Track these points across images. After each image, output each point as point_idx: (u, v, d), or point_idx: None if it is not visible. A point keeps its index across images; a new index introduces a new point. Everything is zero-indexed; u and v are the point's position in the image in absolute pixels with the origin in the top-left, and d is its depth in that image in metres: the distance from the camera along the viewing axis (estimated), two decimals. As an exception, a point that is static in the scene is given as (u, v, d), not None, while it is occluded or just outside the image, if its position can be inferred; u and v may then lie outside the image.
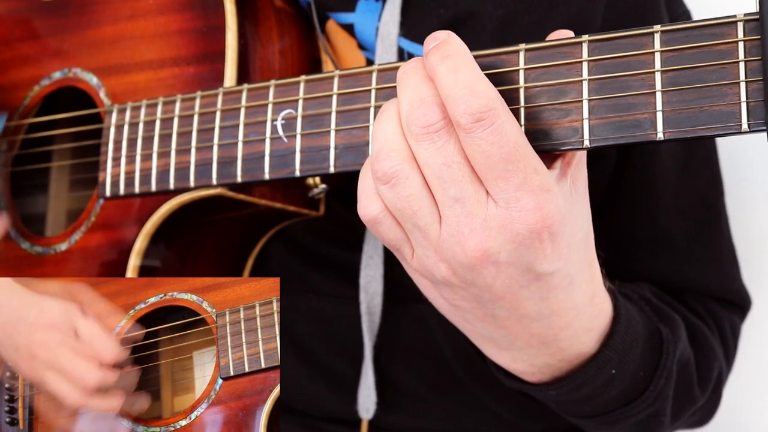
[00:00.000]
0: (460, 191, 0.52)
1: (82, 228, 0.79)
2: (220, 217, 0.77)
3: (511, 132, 0.50)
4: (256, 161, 0.66)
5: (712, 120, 0.51)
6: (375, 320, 0.79)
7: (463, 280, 0.55)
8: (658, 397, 0.69)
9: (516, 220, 0.51)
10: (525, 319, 0.57)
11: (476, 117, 0.50)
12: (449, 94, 0.51)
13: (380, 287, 0.79)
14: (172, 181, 0.70)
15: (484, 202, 0.52)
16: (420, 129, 0.52)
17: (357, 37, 0.79)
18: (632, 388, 0.68)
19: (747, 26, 0.51)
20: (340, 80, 0.63)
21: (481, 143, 0.50)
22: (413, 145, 0.52)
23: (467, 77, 0.51)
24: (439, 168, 0.52)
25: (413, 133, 0.52)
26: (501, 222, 0.51)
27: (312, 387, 0.84)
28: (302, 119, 0.64)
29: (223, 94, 0.68)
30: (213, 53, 0.72)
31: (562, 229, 0.53)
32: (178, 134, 0.70)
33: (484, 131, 0.50)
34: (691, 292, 0.82)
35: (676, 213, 0.81)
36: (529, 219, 0.51)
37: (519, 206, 0.51)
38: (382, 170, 0.53)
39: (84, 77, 0.81)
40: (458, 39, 0.53)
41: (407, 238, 0.56)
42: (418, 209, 0.53)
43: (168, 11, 0.76)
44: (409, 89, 0.53)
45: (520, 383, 0.67)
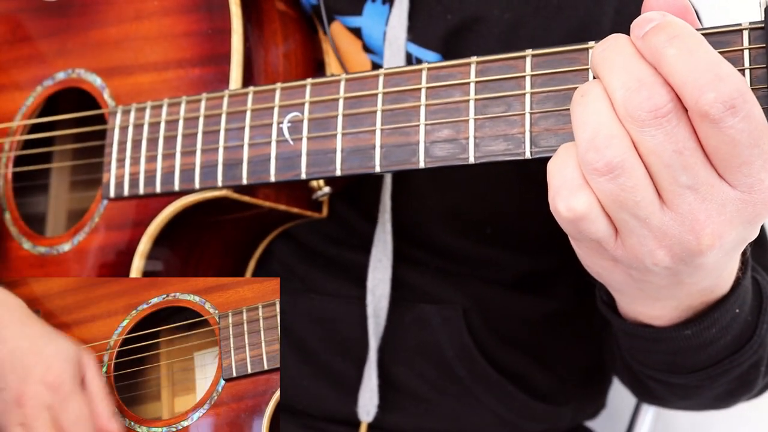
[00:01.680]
0: (693, 178, 0.47)
1: (85, 229, 0.79)
2: (223, 219, 0.77)
3: (760, 114, 0.46)
4: (261, 163, 0.66)
5: (717, 127, 0.52)
6: (381, 323, 0.79)
7: (680, 263, 0.51)
8: (762, 344, 0.68)
9: (758, 202, 0.48)
10: (707, 278, 0.55)
11: (728, 104, 0.45)
12: (688, 81, 0.45)
13: (388, 289, 0.79)
14: (177, 183, 0.71)
15: (719, 186, 0.48)
16: (646, 114, 0.46)
17: (364, 41, 0.79)
18: (743, 333, 0.66)
19: (752, 34, 0.51)
20: (347, 84, 0.63)
21: (731, 131, 0.45)
22: (635, 131, 0.47)
23: (708, 58, 0.45)
24: (670, 156, 0.47)
25: (637, 119, 0.47)
26: (740, 205, 0.48)
27: (313, 387, 0.84)
28: (308, 122, 0.64)
29: (228, 96, 0.69)
30: (218, 56, 0.72)
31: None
32: (183, 136, 0.71)
33: (735, 118, 0.45)
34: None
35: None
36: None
37: (763, 187, 0.48)
38: (604, 160, 0.47)
39: (88, 78, 0.80)
40: (675, 17, 0.48)
41: (613, 230, 0.51)
42: (640, 199, 0.48)
43: (173, 13, 0.76)
44: (620, 71, 0.47)
45: (642, 328, 0.64)
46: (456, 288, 0.82)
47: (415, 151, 0.60)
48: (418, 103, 0.60)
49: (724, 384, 0.72)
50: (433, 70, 0.60)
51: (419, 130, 0.60)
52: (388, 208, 0.78)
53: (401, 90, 0.61)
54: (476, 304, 0.82)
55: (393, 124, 0.61)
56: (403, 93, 0.61)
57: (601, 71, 0.49)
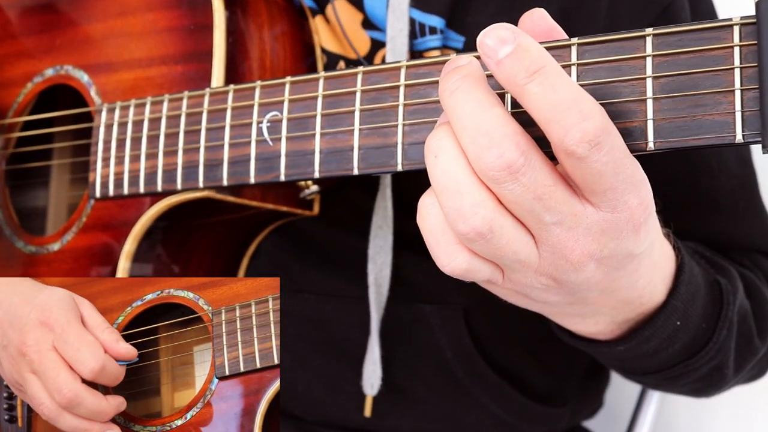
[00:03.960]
0: (557, 215, 0.48)
1: (73, 228, 0.79)
2: (211, 219, 0.76)
3: (621, 143, 0.46)
4: (242, 164, 0.65)
5: (705, 130, 0.48)
6: (383, 292, 0.77)
7: (562, 283, 0.52)
8: (721, 349, 0.68)
9: (621, 221, 0.49)
10: (615, 291, 0.56)
11: (594, 143, 0.44)
12: (552, 120, 0.45)
13: (389, 257, 0.76)
14: (160, 183, 0.69)
15: (582, 213, 0.48)
16: (499, 173, 0.46)
17: (366, 11, 0.77)
18: (696, 340, 0.66)
19: (743, 30, 0.48)
20: (326, 82, 0.61)
21: (596, 165, 0.45)
22: (494, 187, 0.47)
23: (570, 95, 0.45)
24: (530, 203, 0.47)
25: (491, 178, 0.46)
26: (605, 225, 0.49)
27: (308, 392, 0.83)
28: (287, 122, 0.63)
29: (209, 94, 0.67)
30: (201, 52, 0.71)
31: (653, 209, 0.51)
32: (166, 135, 0.69)
33: (600, 154, 0.45)
34: (736, 249, 0.81)
35: (719, 172, 0.80)
36: (635, 216, 0.49)
37: (626, 207, 0.48)
38: (474, 231, 0.47)
39: (75, 75, 0.80)
40: (532, 41, 0.46)
41: (499, 270, 0.52)
42: (517, 248, 0.49)
43: (156, 8, 0.74)
44: (468, 123, 0.46)
45: (587, 343, 0.65)
46: (456, 288, 0.80)
47: (393, 153, 0.58)
48: (397, 102, 0.58)
49: (688, 384, 0.71)
50: (412, 68, 0.58)
51: (397, 130, 0.58)
52: (389, 183, 0.76)
53: (380, 88, 0.59)
54: (476, 305, 0.80)
55: (371, 124, 0.59)
56: (382, 91, 0.59)
57: (451, 118, 0.48)
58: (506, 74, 0.45)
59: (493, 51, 0.45)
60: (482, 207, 0.47)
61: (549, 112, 0.45)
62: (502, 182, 0.46)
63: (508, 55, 0.45)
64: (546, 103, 0.45)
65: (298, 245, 0.84)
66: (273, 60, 0.74)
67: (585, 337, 0.65)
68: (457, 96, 0.47)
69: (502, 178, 0.46)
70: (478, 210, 0.47)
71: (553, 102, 0.45)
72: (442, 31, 0.74)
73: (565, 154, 0.45)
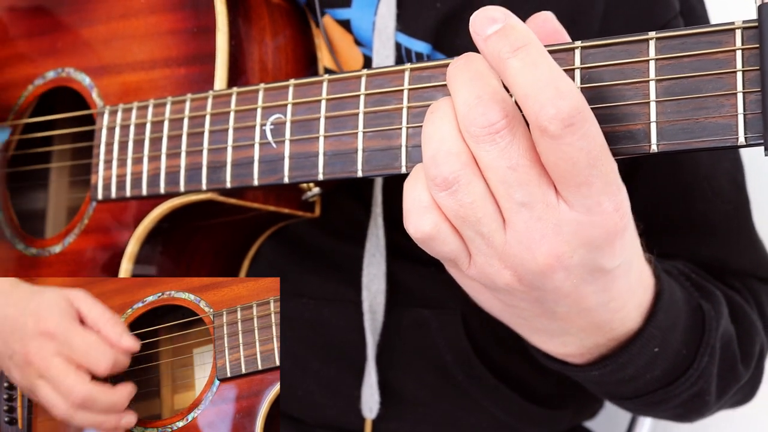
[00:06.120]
0: (528, 195, 0.48)
1: (75, 230, 0.79)
2: (213, 221, 0.76)
3: (599, 134, 0.47)
4: (245, 167, 0.65)
5: (708, 132, 0.49)
6: (378, 318, 0.78)
7: (528, 286, 0.52)
8: (702, 376, 0.67)
9: (594, 225, 0.48)
10: (585, 310, 0.55)
11: (567, 122, 0.45)
12: (529, 95, 0.45)
13: (383, 285, 0.77)
14: (163, 186, 0.70)
15: (555, 206, 0.48)
16: (480, 129, 0.47)
17: (354, 33, 0.77)
18: (675, 366, 0.66)
19: (745, 34, 0.48)
20: (329, 84, 0.61)
21: (568, 150, 0.46)
22: (473, 147, 0.48)
23: (549, 74, 0.46)
24: (504, 171, 0.48)
25: (472, 134, 0.48)
26: (576, 227, 0.48)
27: (308, 396, 0.83)
28: (291, 124, 0.63)
29: (213, 97, 0.67)
30: (203, 55, 0.71)
31: (631, 222, 0.50)
32: (169, 138, 0.70)
33: (574, 136, 0.45)
34: (729, 273, 0.80)
35: (713, 196, 0.79)
36: (609, 222, 0.48)
37: (600, 210, 0.48)
38: (441, 176, 0.49)
39: (77, 77, 0.80)
40: (520, 21, 0.48)
41: (465, 248, 0.52)
42: (482, 216, 0.49)
43: (159, 11, 0.74)
44: (464, 86, 0.48)
45: (561, 365, 0.65)
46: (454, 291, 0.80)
47: (397, 155, 0.58)
48: (401, 105, 0.58)
49: (669, 409, 0.71)
50: (416, 71, 0.58)
51: (401, 133, 0.58)
52: (380, 202, 0.76)
53: (384, 92, 0.59)
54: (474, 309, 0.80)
55: (375, 126, 0.59)
56: (385, 94, 0.59)
57: (450, 87, 0.50)
58: (491, 49, 0.47)
59: (482, 28, 0.48)
60: (456, 157, 0.49)
61: (528, 87, 0.46)
62: (482, 142, 0.48)
63: (496, 32, 0.47)
64: (525, 79, 0.46)
65: (297, 250, 0.84)
66: (275, 63, 0.75)
67: (559, 359, 0.64)
68: (457, 64, 0.50)
69: (482, 135, 0.47)
70: (451, 158, 0.49)
71: (532, 78, 0.46)
72: (428, 56, 0.74)
73: (539, 131, 0.46)
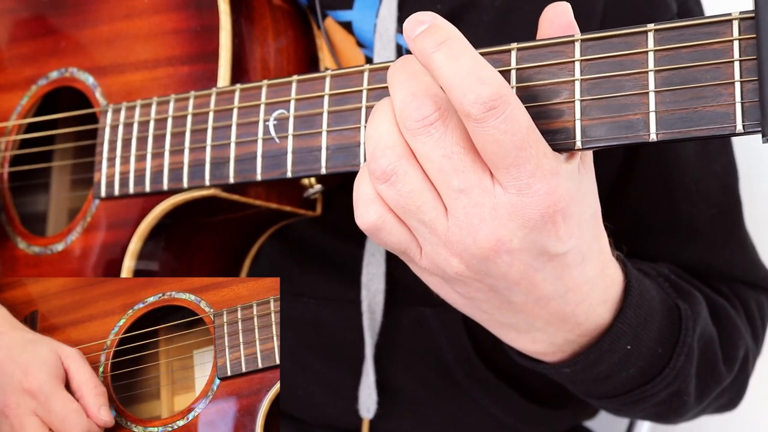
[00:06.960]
0: (464, 182, 0.50)
1: (78, 228, 0.79)
2: (215, 218, 0.77)
3: (523, 118, 0.49)
4: (248, 162, 0.65)
5: (706, 121, 0.50)
6: (377, 318, 0.78)
7: (477, 272, 0.53)
8: (679, 375, 0.68)
9: (528, 206, 0.50)
10: (542, 300, 0.56)
11: (488, 106, 0.48)
12: (453, 84, 0.49)
13: (382, 285, 0.78)
14: (166, 182, 0.70)
15: (491, 190, 0.51)
16: (414, 123, 0.50)
17: (355, 35, 0.78)
18: (651, 365, 0.66)
19: (742, 24, 0.49)
20: (332, 80, 0.62)
21: (493, 132, 0.48)
22: (410, 140, 0.51)
23: (471, 63, 0.49)
24: (439, 160, 0.50)
25: (408, 129, 0.51)
26: (511, 209, 0.50)
27: (307, 396, 0.83)
28: (294, 120, 0.64)
29: (216, 94, 0.68)
30: (207, 53, 0.72)
31: (572, 209, 0.52)
32: (172, 135, 0.70)
33: (497, 119, 0.48)
34: (715, 277, 0.80)
35: (698, 199, 0.80)
36: (541, 204, 0.50)
37: (531, 192, 0.50)
38: (380, 168, 0.52)
39: (80, 77, 0.80)
40: (446, 21, 0.51)
41: (413, 238, 0.54)
42: (421, 204, 0.52)
43: (163, 10, 0.75)
44: (400, 86, 0.52)
45: (535, 363, 0.65)
46: None
47: None
48: None
49: (648, 408, 0.71)
50: (418, 66, 0.59)
51: None
52: None
53: (385, 86, 0.60)
54: None
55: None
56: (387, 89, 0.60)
57: (390, 88, 0.53)
58: (419, 47, 0.50)
59: (411, 30, 0.50)
60: (392, 150, 0.52)
61: (452, 77, 0.49)
62: (418, 134, 0.51)
63: (423, 31, 0.50)
64: (449, 70, 0.49)
65: (298, 249, 0.84)
66: (277, 63, 0.76)
67: (532, 357, 0.65)
68: (395, 66, 0.53)
69: (417, 129, 0.50)
70: (387, 152, 0.52)
71: (455, 69, 0.49)
72: None
73: (465, 116, 0.49)
